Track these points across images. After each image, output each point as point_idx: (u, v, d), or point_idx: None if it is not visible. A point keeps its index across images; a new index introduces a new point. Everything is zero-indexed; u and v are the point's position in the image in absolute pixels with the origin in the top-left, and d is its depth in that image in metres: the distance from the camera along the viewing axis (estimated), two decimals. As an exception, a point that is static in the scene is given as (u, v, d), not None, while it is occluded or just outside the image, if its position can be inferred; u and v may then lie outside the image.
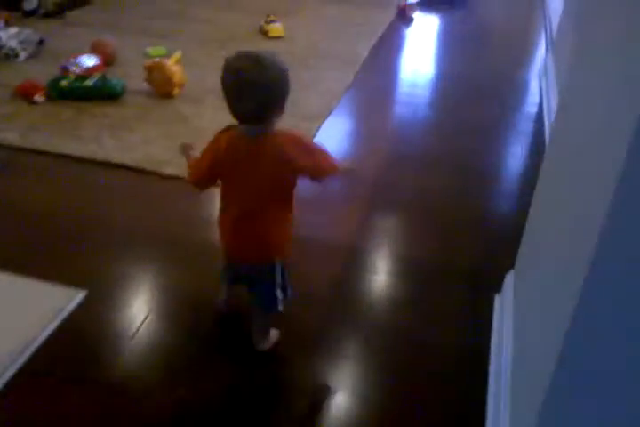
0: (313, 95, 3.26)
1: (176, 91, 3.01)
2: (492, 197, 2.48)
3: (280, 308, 1.59)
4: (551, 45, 3.99)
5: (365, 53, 3.85)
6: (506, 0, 5.23)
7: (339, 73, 3.55)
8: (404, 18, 4.58)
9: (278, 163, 1.39)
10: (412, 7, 4.64)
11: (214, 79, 1.44)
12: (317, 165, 1.44)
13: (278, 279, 1.55)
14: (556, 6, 4.75)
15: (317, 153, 1.45)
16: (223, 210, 1.51)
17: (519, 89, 3.60)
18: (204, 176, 1.47)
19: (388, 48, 4.05)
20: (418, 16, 4.62)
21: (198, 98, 3.07)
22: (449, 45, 4.33)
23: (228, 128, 1.42)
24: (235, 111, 1.34)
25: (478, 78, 3.64)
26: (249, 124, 1.37)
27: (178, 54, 3.13)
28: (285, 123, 1.43)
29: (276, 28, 3.93)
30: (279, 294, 1.57)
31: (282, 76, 1.32)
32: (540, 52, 4.12)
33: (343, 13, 4.58)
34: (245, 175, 1.41)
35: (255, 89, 1.29)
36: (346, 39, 4.06)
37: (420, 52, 4.12)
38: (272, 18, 4.01)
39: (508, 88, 3.62)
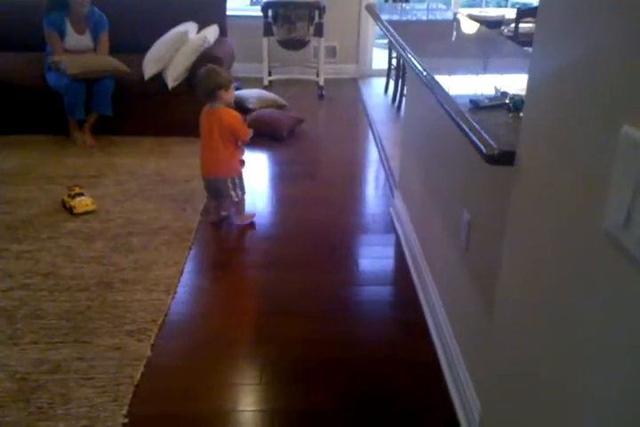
0: (139, 292, 2.62)
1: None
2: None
3: (236, 200, 3.20)
4: (392, 179, 3.77)
5: (196, 219, 3.32)
6: (336, 132, 5.05)
7: (169, 253, 2.95)
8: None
9: (220, 122, 3.04)
10: (241, 149, 4.26)
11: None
12: (238, 128, 3.10)
13: (230, 186, 3.13)
14: (386, 135, 4.67)
15: (241, 124, 3.13)
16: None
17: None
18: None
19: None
20: (247, 157, 4.24)
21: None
22: (284, 187, 3.96)
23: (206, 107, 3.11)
24: (202, 95, 3.07)
25: (322, 224, 3.26)
26: (209, 101, 3.07)
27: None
28: None
29: (83, 203, 3.27)
30: (234, 194, 3.16)
31: (221, 78, 3.05)
32: (384, 188, 3.88)
33: (162, 169, 4.00)
34: (206, 127, 3.08)
35: (209, 84, 3.02)
36: (170, 203, 3.50)
37: (257, 201, 3.70)
38: (77, 191, 3.31)
39: (357, 234, 3.26)
